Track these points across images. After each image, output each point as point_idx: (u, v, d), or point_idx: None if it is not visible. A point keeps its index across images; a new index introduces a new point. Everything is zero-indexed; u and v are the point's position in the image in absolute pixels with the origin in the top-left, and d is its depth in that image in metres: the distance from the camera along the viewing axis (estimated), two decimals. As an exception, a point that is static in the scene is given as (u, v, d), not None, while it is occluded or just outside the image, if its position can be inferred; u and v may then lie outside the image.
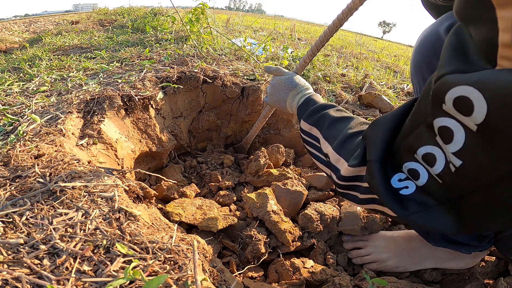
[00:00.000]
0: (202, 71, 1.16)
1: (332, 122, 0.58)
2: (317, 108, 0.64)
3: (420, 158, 0.34)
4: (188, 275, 0.38)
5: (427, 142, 0.33)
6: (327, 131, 0.58)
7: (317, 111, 0.63)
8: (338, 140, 0.53)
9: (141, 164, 0.98)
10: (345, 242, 0.77)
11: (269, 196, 0.79)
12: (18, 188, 0.49)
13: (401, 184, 0.38)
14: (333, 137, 0.55)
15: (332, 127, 0.57)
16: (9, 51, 2.44)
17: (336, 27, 0.78)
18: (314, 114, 0.63)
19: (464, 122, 0.27)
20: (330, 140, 0.55)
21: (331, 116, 0.59)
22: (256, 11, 49.65)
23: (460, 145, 0.28)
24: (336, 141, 0.53)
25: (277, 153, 1.05)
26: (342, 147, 0.51)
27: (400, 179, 0.38)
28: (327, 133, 0.57)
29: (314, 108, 0.64)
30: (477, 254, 0.66)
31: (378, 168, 0.39)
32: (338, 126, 0.56)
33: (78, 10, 38.22)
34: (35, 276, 0.34)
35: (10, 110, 0.82)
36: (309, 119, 0.63)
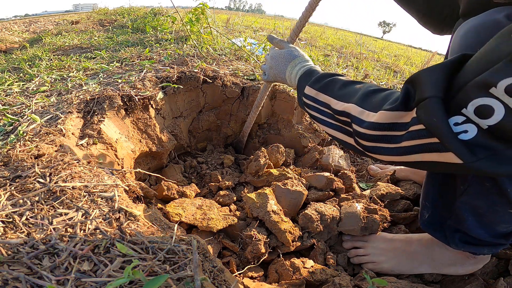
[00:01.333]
0: (202, 71, 1.16)
1: (345, 84, 0.56)
2: (324, 75, 0.63)
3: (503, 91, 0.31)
4: (188, 275, 0.38)
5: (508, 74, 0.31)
6: (339, 92, 0.55)
7: (325, 77, 0.61)
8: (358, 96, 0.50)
9: (141, 164, 0.98)
10: (345, 242, 0.77)
11: (269, 196, 0.79)
12: (18, 188, 0.49)
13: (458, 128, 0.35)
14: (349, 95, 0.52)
15: (345, 88, 0.55)
16: (9, 51, 2.44)
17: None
18: (321, 80, 0.61)
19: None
20: (346, 98, 0.53)
21: (341, 80, 0.58)
22: (256, 11, 49.76)
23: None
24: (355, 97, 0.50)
25: (277, 153, 1.05)
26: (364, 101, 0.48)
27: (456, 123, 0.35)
28: (340, 94, 0.55)
29: (321, 75, 0.63)
30: (482, 258, 0.65)
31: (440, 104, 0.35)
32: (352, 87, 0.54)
33: (78, 10, 38.24)
34: (35, 276, 0.34)
35: (10, 110, 0.82)
36: (316, 84, 0.61)
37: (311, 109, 0.62)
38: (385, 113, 0.42)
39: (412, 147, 0.40)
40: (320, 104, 0.59)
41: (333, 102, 0.55)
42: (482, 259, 0.65)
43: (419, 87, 0.38)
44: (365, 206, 0.80)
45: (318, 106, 0.60)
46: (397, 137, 0.42)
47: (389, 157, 0.45)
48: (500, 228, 0.53)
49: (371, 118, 0.45)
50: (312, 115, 0.63)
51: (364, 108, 0.48)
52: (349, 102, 0.51)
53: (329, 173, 0.93)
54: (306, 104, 0.64)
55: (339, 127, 0.55)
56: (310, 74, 0.66)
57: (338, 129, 0.56)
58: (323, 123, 0.60)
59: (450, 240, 0.59)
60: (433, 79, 0.37)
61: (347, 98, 0.52)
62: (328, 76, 0.61)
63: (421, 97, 0.37)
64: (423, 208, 0.63)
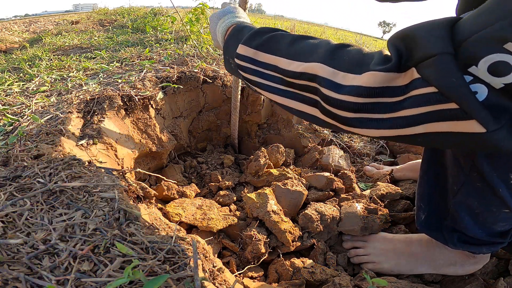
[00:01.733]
0: (202, 71, 1.16)
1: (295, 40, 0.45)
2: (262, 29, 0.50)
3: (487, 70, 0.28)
4: (188, 275, 0.38)
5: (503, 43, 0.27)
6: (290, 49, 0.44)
7: (263, 33, 0.49)
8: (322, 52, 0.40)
9: (141, 164, 0.98)
10: (345, 242, 0.77)
11: (269, 196, 0.79)
12: (18, 188, 0.49)
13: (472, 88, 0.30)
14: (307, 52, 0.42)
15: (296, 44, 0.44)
16: (9, 51, 2.44)
17: None
18: (258, 36, 0.49)
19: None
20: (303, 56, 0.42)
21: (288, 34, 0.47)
22: (256, 11, 49.77)
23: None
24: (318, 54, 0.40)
25: (277, 153, 1.05)
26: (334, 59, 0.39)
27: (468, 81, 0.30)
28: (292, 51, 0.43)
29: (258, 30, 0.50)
30: (481, 258, 0.64)
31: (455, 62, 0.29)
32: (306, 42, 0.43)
33: (78, 10, 38.23)
34: (35, 276, 0.34)
35: (10, 110, 0.82)
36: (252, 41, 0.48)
37: (249, 72, 0.49)
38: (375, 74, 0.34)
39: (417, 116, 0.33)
40: (262, 66, 0.47)
41: (283, 63, 0.44)
42: (481, 259, 0.65)
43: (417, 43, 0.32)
44: (365, 206, 0.80)
45: (259, 69, 0.47)
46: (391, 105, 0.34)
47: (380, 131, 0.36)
48: (497, 227, 0.52)
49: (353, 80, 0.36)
50: (250, 80, 0.50)
51: (336, 69, 0.38)
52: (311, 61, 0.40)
53: (329, 173, 0.93)
54: (241, 67, 0.50)
55: (294, 95, 0.44)
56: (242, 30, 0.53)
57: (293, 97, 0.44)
58: (269, 90, 0.47)
59: (449, 240, 0.59)
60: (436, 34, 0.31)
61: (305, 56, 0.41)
62: (268, 31, 0.49)
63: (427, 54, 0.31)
64: (418, 210, 0.63)
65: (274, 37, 0.47)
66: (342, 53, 0.39)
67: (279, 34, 0.47)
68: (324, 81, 0.38)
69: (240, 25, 0.56)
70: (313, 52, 0.41)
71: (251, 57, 0.49)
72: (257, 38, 0.49)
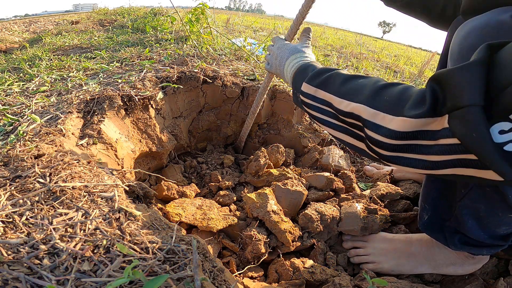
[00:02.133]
0: (202, 71, 1.16)
1: (347, 79, 0.50)
2: (323, 69, 0.56)
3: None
4: (188, 275, 0.38)
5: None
6: (341, 88, 0.49)
7: (323, 73, 0.55)
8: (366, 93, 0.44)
9: (141, 164, 0.98)
10: (345, 242, 0.77)
11: (269, 196, 0.79)
12: (18, 188, 0.49)
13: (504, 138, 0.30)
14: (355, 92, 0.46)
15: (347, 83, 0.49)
16: (9, 51, 2.44)
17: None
18: (319, 75, 0.55)
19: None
20: (351, 95, 0.46)
21: (343, 74, 0.52)
22: (256, 11, 49.81)
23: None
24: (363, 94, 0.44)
25: (277, 153, 1.05)
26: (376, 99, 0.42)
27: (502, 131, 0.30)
28: (343, 90, 0.48)
29: (320, 70, 0.56)
30: (481, 259, 0.65)
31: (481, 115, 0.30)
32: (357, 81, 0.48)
33: (78, 10, 38.22)
34: (35, 276, 0.34)
35: (10, 110, 0.82)
36: (314, 80, 0.55)
37: (311, 108, 0.56)
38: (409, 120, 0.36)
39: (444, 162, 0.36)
40: (321, 103, 0.53)
41: (335, 101, 0.49)
42: (481, 259, 0.65)
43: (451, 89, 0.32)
44: (365, 206, 0.80)
45: (318, 105, 0.54)
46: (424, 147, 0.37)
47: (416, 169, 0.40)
48: (500, 230, 0.53)
49: (390, 123, 0.39)
50: (312, 115, 0.57)
51: (377, 110, 0.41)
52: (357, 102, 0.45)
53: (329, 173, 0.93)
54: (305, 103, 0.58)
55: (345, 129, 0.49)
56: (306, 69, 0.60)
57: (344, 131, 0.50)
58: (326, 124, 0.53)
59: (450, 241, 0.59)
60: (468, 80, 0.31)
61: (352, 96, 0.46)
62: (327, 71, 0.55)
63: (456, 104, 0.31)
64: (422, 210, 0.63)
65: (331, 76, 0.53)
66: (384, 93, 0.42)
67: (335, 74, 0.53)
68: (366, 122, 0.43)
69: (306, 63, 0.62)
70: (360, 93, 0.45)
71: (312, 94, 0.55)
72: (317, 77, 0.55)
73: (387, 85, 0.44)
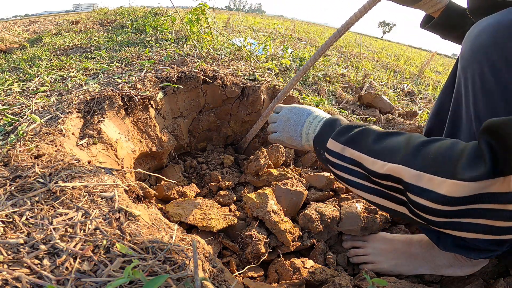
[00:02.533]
0: (202, 71, 1.16)
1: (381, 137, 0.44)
2: (351, 125, 0.50)
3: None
4: (188, 275, 0.38)
5: None
6: (375, 146, 0.43)
7: (352, 128, 0.49)
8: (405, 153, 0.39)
9: (141, 164, 0.98)
10: (345, 242, 0.77)
11: (269, 196, 0.79)
12: (18, 188, 0.49)
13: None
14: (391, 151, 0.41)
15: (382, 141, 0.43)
16: (9, 51, 2.44)
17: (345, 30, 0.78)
18: (347, 131, 0.49)
19: None
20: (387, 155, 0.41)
21: (375, 130, 0.46)
22: (256, 11, 49.73)
23: None
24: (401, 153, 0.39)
25: (276, 152, 1.05)
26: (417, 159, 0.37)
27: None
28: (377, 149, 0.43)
29: (348, 125, 0.51)
30: (479, 262, 0.64)
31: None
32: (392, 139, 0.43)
33: (78, 10, 38.20)
34: (35, 276, 0.34)
35: (10, 110, 0.82)
36: (341, 137, 0.49)
37: (337, 168, 0.49)
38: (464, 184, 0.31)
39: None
40: (349, 162, 0.47)
41: (367, 161, 0.43)
42: (479, 262, 0.65)
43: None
44: (365, 206, 0.80)
45: (346, 165, 0.47)
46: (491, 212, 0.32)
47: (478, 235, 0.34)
48: None
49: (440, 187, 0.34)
50: (339, 176, 0.50)
51: (421, 170, 0.36)
52: (394, 162, 0.39)
53: (329, 173, 0.93)
54: (331, 163, 0.51)
55: (380, 192, 0.43)
56: (332, 124, 0.54)
57: (379, 195, 0.44)
58: (355, 186, 0.47)
59: (441, 242, 0.58)
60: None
61: (388, 156, 0.40)
62: (356, 127, 0.49)
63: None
64: None
65: (362, 132, 0.47)
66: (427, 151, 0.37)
67: (367, 130, 0.47)
68: (409, 186, 0.37)
69: (333, 118, 0.56)
70: (398, 152, 0.40)
71: (339, 152, 0.49)
72: (346, 133, 0.49)
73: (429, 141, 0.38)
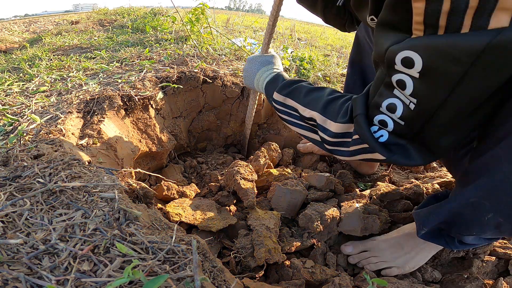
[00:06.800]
0: (202, 71, 1.16)
1: (308, 91, 0.65)
2: (290, 81, 0.70)
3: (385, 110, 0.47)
4: (188, 275, 0.38)
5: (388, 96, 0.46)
6: (305, 99, 0.64)
7: (291, 84, 0.69)
8: (321, 104, 0.60)
9: (141, 164, 0.98)
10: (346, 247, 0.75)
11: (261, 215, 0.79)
12: (18, 188, 0.49)
13: (378, 134, 0.49)
14: (314, 103, 0.62)
15: (309, 95, 0.64)
16: (9, 51, 2.44)
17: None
18: (287, 87, 0.69)
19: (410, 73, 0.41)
20: (312, 105, 0.62)
21: (306, 86, 0.67)
22: (256, 11, 49.64)
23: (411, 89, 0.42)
24: (319, 105, 0.60)
25: (269, 150, 1.05)
26: (326, 109, 0.59)
27: (374, 131, 0.50)
28: (306, 101, 0.64)
29: (287, 82, 0.71)
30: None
31: (365, 119, 0.50)
32: (316, 94, 0.63)
33: (78, 10, 38.15)
34: (35, 276, 0.34)
35: (10, 110, 0.82)
36: (283, 91, 0.69)
37: (281, 112, 0.71)
38: (339, 125, 0.55)
39: (356, 150, 0.54)
40: (289, 108, 0.68)
41: (300, 108, 0.64)
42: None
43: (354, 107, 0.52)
44: (365, 206, 0.80)
45: (288, 110, 0.68)
46: (347, 143, 0.55)
47: (343, 157, 0.59)
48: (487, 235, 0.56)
49: (331, 127, 0.57)
50: (282, 117, 0.71)
51: (326, 117, 0.58)
52: (314, 110, 0.61)
53: (329, 173, 0.93)
54: (276, 108, 0.72)
55: (307, 127, 0.66)
56: (276, 80, 0.74)
57: (307, 129, 0.66)
58: (293, 124, 0.69)
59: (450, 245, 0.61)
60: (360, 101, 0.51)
61: (312, 106, 0.62)
62: (293, 83, 0.69)
63: (355, 114, 0.51)
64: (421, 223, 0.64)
65: (297, 88, 0.67)
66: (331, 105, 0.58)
67: (300, 86, 0.67)
68: (319, 125, 0.60)
69: (276, 75, 0.77)
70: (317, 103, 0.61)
71: (282, 102, 0.70)
72: (286, 88, 0.69)
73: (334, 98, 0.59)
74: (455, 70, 0.36)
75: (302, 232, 0.77)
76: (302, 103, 0.64)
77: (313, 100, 0.62)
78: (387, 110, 0.47)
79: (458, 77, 0.37)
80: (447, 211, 0.54)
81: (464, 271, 0.68)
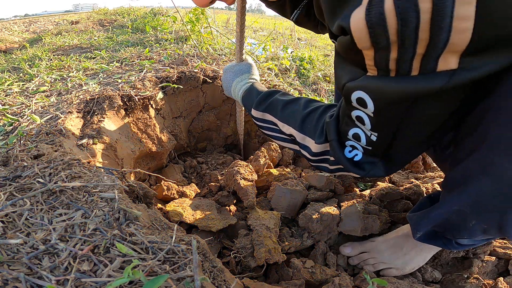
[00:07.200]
0: (202, 71, 1.16)
1: (285, 105, 0.66)
2: (264, 95, 0.71)
3: (351, 138, 0.51)
4: (188, 275, 0.38)
5: (352, 126, 0.49)
6: (282, 114, 0.65)
7: (266, 98, 0.70)
8: (298, 121, 0.61)
9: (141, 164, 0.98)
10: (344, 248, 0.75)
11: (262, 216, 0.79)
12: (18, 188, 0.49)
13: (352, 154, 0.53)
14: (291, 119, 0.63)
15: (285, 109, 0.65)
16: (9, 51, 2.44)
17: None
18: (263, 101, 0.69)
19: (366, 111, 0.44)
20: (289, 122, 0.63)
21: (281, 100, 0.67)
22: (256, 11, 49.52)
23: (369, 125, 0.45)
24: (296, 122, 0.62)
25: (269, 150, 1.05)
26: (303, 126, 0.61)
27: (350, 151, 0.53)
28: (283, 116, 0.65)
29: (262, 96, 0.71)
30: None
31: (337, 145, 0.53)
32: (291, 107, 0.65)
33: (78, 10, 38.14)
34: (35, 276, 0.34)
35: (10, 110, 0.82)
36: (260, 107, 0.70)
37: (263, 128, 0.72)
38: (318, 145, 0.58)
39: (336, 169, 0.58)
40: (269, 123, 0.69)
41: (279, 124, 0.66)
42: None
43: (328, 132, 0.55)
44: (365, 206, 0.80)
45: (267, 125, 0.70)
46: (328, 160, 0.58)
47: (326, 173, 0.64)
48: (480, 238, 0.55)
49: (311, 146, 0.59)
50: (265, 132, 0.73)
51: (304, 135, 0.60)
52: (292, 127, 0.63)
53: (329, 174, 0.93)
54: (257, 124, 0.73)
55: (288, 140, 0.67)
56: (250, 93, 0.74)
57: (288, 142, 0.68)
58: (276, 138, 0.70)
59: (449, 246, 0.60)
60: (332, 126, 0.53)
61: (290, 122, 0.63)
62: (268, 96, 0.70)
63: (329, 139, 0.54)
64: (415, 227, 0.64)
65: (272, 103, 0.68)
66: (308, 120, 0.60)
67: (275, 100, 0.68)
68: (299, 143, 0.62)
69: (250, 87, 0.77)
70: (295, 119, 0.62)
71: (261, 118, 0.70)
72: (262, 103, 0.69)
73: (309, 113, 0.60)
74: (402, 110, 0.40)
75: (302, 232, 0.77)
76: (280, 119, 0.65)
77: (289, 116, 0.64)
78: (353, 139, 0.50)
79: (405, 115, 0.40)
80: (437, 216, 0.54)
81: (464, 271, 0.68)
